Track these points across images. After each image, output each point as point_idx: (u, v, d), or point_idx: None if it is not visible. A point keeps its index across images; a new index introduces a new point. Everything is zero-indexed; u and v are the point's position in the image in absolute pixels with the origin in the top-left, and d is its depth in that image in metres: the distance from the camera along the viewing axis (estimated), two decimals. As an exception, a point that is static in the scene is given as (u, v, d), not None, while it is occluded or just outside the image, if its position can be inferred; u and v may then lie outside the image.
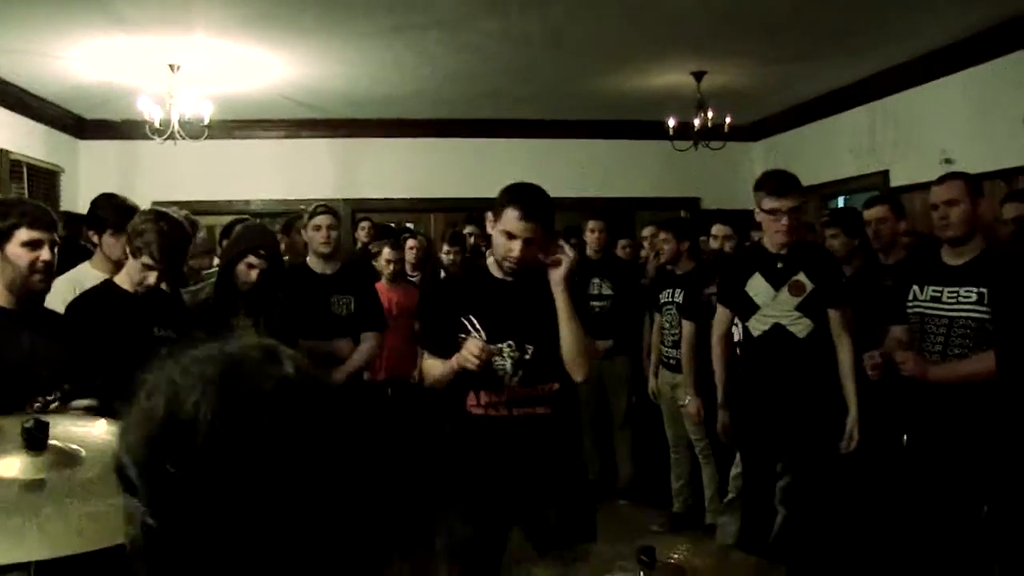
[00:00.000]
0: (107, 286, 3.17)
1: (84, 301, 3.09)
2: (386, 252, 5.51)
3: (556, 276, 2.81)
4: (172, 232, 3.08)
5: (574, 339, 2.82)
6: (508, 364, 2.82)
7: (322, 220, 4.37)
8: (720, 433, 4.13)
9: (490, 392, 2.81)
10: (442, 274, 5.91)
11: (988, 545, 3.18)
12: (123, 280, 3.14)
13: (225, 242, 4.68)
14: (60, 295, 3.09)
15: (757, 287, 3.79)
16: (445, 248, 6.02)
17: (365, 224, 7.00)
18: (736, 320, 4.01)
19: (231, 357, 0.83)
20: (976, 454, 3.19)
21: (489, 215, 2.84)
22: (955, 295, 3.33)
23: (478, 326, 2.82)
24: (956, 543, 3.24)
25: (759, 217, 3.80)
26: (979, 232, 3.40)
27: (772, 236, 3.75)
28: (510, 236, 2.76)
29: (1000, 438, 3.05)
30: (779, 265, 3.74)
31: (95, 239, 3.70)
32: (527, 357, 2.83)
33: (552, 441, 2.85)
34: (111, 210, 3.70)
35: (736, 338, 4.11)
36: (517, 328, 2.83)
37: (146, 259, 3.02)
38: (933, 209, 3.43)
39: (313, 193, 8.36)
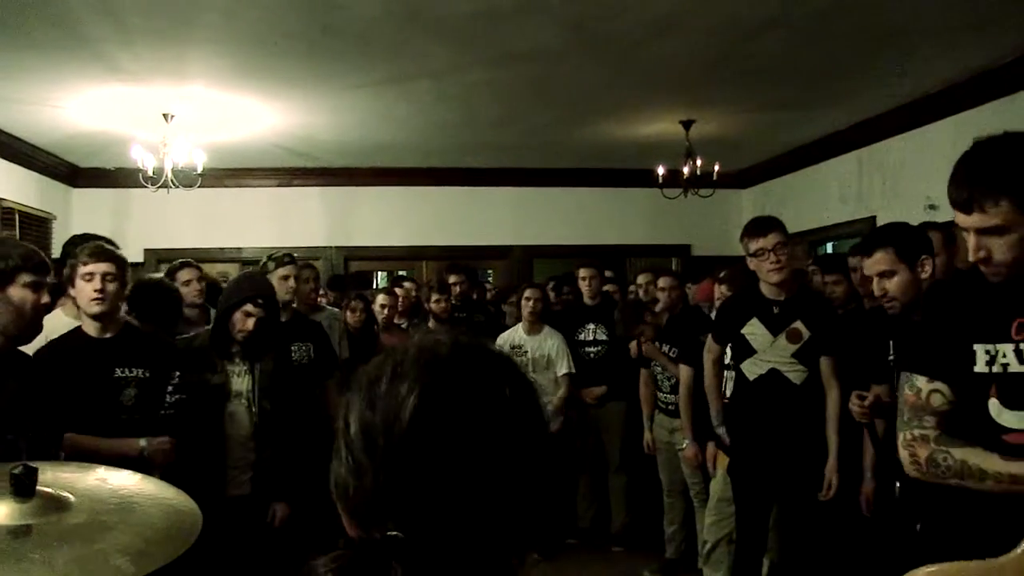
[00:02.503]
0: (74, 333, 3.24)
1: (50, 348, 3.12)
2: (380, 298, 5.74)
3: None
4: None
5: None
6: None
7: (288, 271, 4.58)
8: (708, 457, 4.14)
9: None
10: (431, 322, 5.95)
11: None
12: (86, 325, 3.20)
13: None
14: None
15: (755, 331, 3.82)
16: (434, 297, 6.06)
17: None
18: (727, 366, 4.05)
19: (455, 353, 0.92)
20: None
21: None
22: None
23: None
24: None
25: (752, 264, 3.83)
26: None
27: (767, 276, 3.77)
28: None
29: None
30: (775, 311, 3.77)
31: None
32: None
33: None
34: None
35: (727, 387, 4.14)
36: None
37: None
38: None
39: (305, 241, 8.44)
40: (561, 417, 5.62)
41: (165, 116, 6.15)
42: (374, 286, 8.43)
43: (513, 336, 5.87)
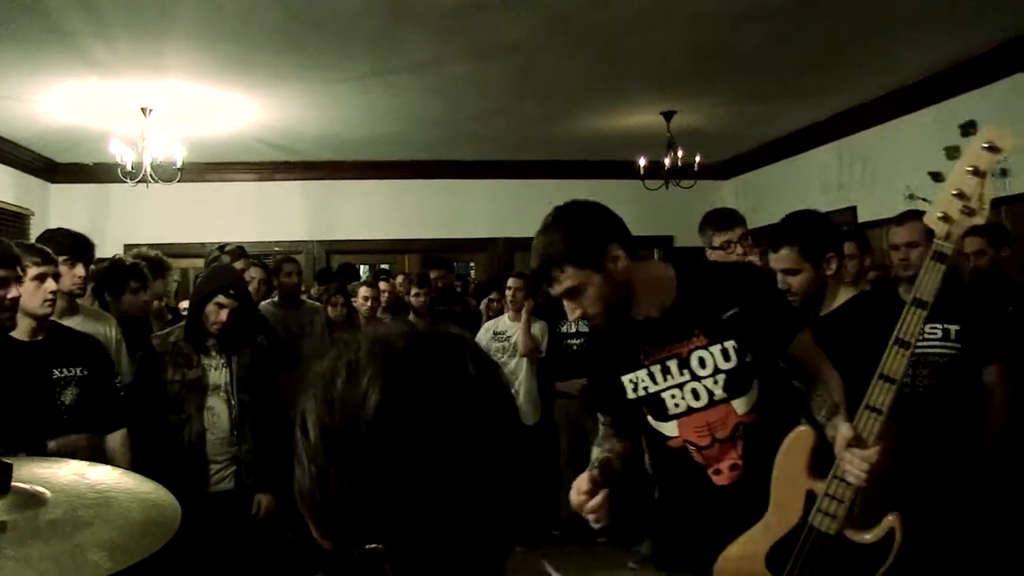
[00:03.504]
0: (2, 340, 3.04)
1: None
2: (363, 291, 5.73)
3: None
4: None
5: None
6: None
7: (243, 264, 4.59)
8: None
9: None
10: (411, 315, 5.96)
11: None
12: (18, 329, 3.05)
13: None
14: None
15: None
16: (414, 291, 6.06)
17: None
18: None
19: (411, 342, 0.88)
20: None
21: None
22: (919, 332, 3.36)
23: None
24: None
25: (715, 256, 3.84)
26: None
27: None
28: None
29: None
30: None
31: None
32: None
33: None
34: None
35: None
36: None
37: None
38: (893, 249, 3.48)
39: (287, 235, 8.41)
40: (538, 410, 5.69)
41: (144, 110, 6.11)
42: (360, 278, 8.40)
43: (497, 322, 5.95)
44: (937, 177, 5.56)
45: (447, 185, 8.86)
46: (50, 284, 3.07)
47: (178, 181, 6.58)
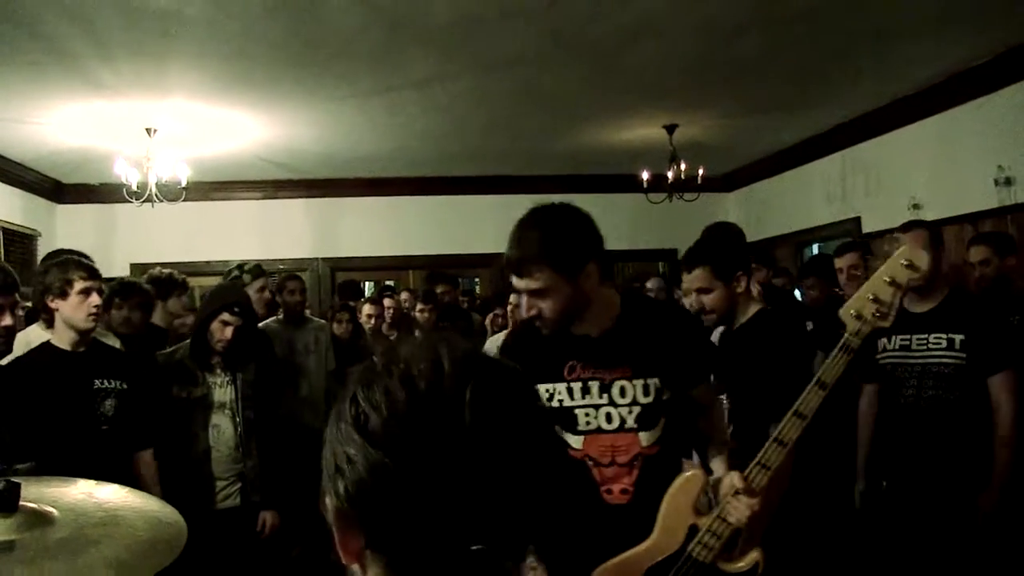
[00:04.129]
0: (44, 347, 3.21)
1: (18, 364, 3.10)
2: (366, 308, 5.73)
3: None
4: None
5: None
6: None
7: (264, 282, 4.66)
8: None
9: None
10: (416, 332, 5.96)
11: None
12: (60, 339, 3.18)
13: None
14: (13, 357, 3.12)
15: None
16: (419, 307, 6.06)
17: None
18: None
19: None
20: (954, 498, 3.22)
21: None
22: (924, 342, 3.38)
23: None
24: None
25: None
26: (941, 278, 3.46)
27: None
28: None
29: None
30: None
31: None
32: None
33: None
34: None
35: None
36: None
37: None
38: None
39: (291, 253, 8.43)
40: None
41: (148, 130, 6.14)
42: (364, 296, 8.40)
43: (500, 338, 5.85)
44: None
45: (450, 201, 8.88)
46: (94, 298, 3.18)
47: (183, 200, 6.61)
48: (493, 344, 5.88)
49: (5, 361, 2.96)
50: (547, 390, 2.25)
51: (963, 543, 3.20)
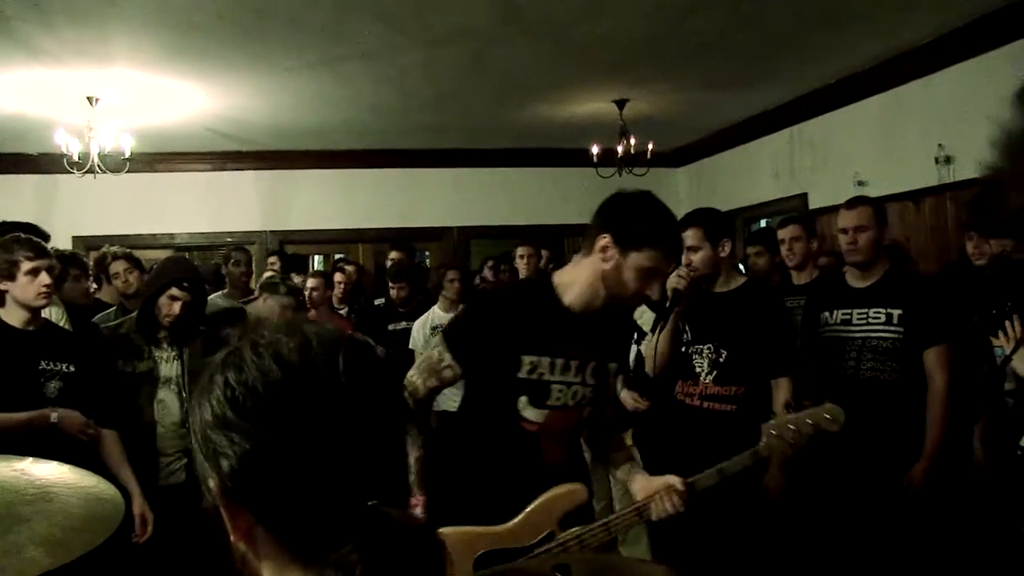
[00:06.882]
0: None
1: None
2: (310, 282, 5.65)
3: None
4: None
5: None
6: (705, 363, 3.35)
7: (290, 300, 4.62)
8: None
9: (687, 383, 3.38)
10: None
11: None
12: (11, 317, 3.12)
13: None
14: None
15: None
16: (391, 284, 6.02)
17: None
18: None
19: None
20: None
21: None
22: (864, 317, 3.46)
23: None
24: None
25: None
26: (882, 254, 3.54)
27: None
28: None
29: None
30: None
31: None
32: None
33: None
34: None
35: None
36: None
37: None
38: (842, 233, 3.55)
39: (239, 225, 8.32)
40: None
41: (90, 99, 6.00)
42: (310, 269, 8.32)
43: (431, 316, 5.75)
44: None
45: (401, 174, 8.80)
46: (43, 277, 3.11)
47: (127, 171, 6.49)
48: (424, 325, 5.75)
49: None
50: (532, 362, 2.28)
51: (895, 516, 3.28)
